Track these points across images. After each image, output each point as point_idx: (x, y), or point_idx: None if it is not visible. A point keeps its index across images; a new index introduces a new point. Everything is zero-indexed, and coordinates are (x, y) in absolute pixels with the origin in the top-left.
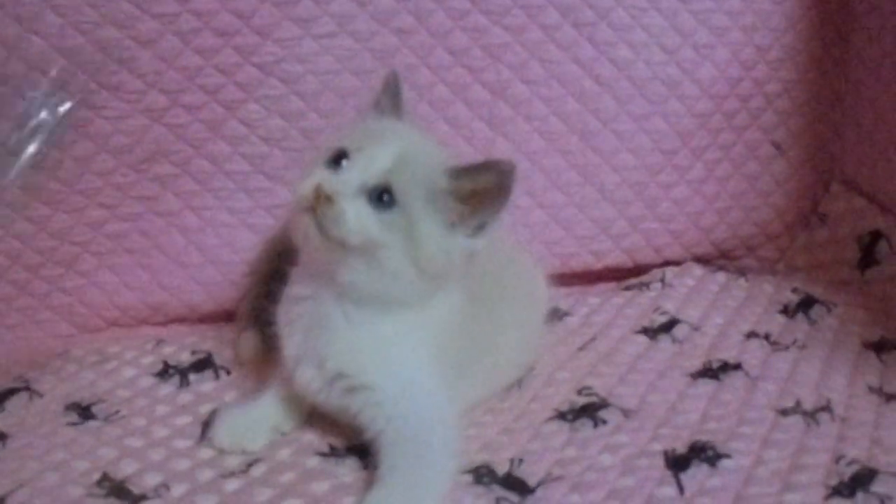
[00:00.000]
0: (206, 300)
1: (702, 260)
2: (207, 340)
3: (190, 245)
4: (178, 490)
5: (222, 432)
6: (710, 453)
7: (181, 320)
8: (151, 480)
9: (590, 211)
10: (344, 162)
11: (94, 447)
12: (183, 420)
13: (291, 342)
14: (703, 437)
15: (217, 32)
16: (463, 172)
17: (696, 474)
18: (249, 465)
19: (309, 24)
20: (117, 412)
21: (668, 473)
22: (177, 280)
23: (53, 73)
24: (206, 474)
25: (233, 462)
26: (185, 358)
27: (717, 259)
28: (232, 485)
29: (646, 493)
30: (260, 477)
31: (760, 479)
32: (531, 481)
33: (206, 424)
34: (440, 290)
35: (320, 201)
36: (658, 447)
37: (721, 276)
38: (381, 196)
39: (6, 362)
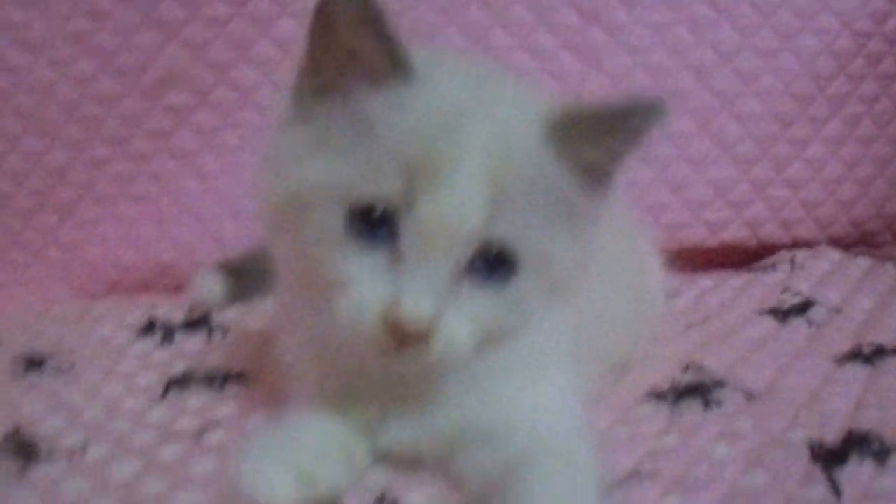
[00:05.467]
0: None
1: (839, 243)
2: None
3: (207, 193)
4: (94, 452)
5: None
6: (875, 446)
7: None
8: (69, 440)
9: (705, 169)
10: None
11: (20, 400)
12: (146, 379)
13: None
14: (864, 426)
15: None
16: (575, 131)
17: (858, 474)
18: (203, 431)
19: None
20: (71, 367)
21: (816, 470)
22: (189, 235)
23: None
24: (142, 437)
25: (186, 424)
26: (178, 317)
27: (856, 245)
28: (170, 450)
29: (783, 495)
30: (211, 445)
31: None
32: (608, 478)
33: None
34: None
35: (404, 341)
36: (799, 435)
37: (864, 262)
38: (489, 262)
39: None
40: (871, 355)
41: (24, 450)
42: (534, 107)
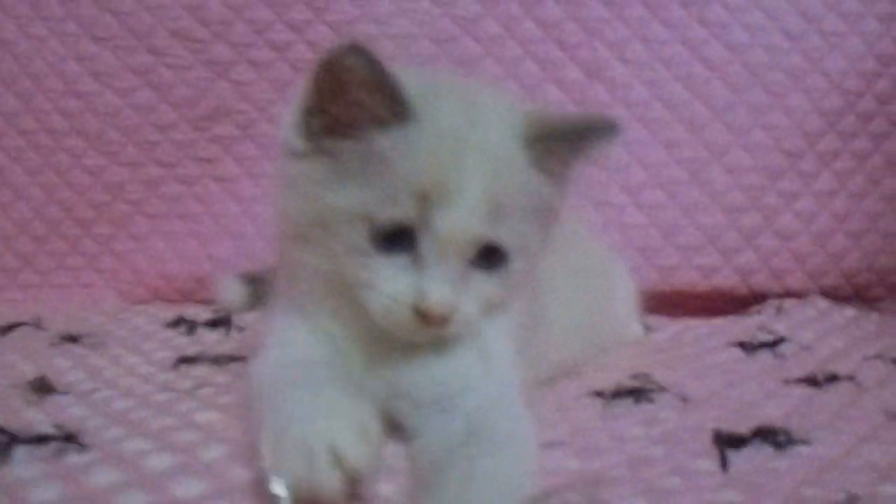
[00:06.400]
0: None
1: (830, 295)
2: None
3: (245, 215)
4: (101, 395)
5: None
6: (780, 438)
7: None
8: (84, 386)
9: (696, 216)
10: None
11: (52, 359)
12: (162, 354)
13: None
14: (778, 424)
15: None
16: (548, 144)
17: (754, 455)
18: (197, 388)
19: None
20: (103, 343)
21: (713, 448)
22: (226, 251)
23: None
24: (145, 388)
25: (185, 384)
26: (205, 316)
27: (849, 298)
28: (164, 396)
29: (672, 464)
30: (200, 396)
31: (850, 469)
32: None
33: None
34: None
35: (431, 322)
36: (711, 426)
37: (850, 311)
38: (487, 255)
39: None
40: (822, 381)
41: (44, 388)
42: (514, 125)
